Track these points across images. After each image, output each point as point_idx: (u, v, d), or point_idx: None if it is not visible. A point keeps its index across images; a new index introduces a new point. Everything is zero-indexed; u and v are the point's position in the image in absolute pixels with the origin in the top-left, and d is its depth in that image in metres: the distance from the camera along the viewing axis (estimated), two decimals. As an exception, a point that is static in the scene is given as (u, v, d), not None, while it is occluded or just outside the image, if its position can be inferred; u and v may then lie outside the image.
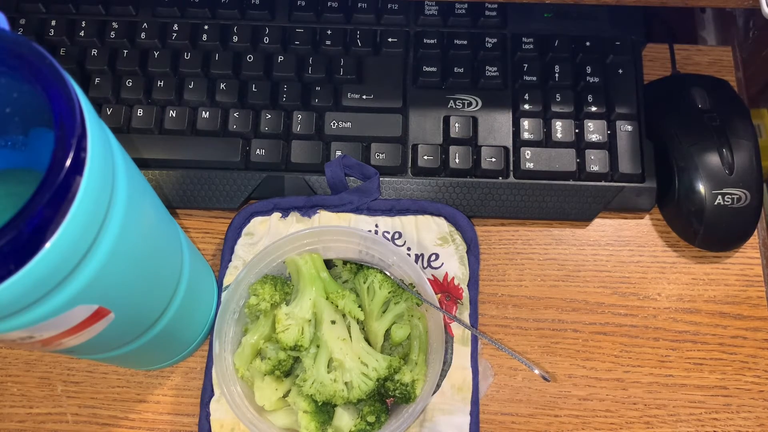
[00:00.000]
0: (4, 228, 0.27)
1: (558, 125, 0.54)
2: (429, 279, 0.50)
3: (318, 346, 0.47)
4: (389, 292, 0.49)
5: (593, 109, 0.55)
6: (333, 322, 0.47)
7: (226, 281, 0.51)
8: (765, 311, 0.52)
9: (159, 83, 0.55)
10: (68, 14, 0.58)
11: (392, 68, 0.56)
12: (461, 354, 0.50)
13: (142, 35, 0.57)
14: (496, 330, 0.52)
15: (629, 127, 0.54)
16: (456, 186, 0.54)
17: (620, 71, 0.56)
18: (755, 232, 0.53)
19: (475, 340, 0.50)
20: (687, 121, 0.53)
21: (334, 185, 0.54)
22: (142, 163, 0.54)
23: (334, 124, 0.55)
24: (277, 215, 0.53)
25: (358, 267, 0.50)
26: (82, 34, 0.57)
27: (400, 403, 0.48)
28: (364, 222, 0.53)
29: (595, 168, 0.54)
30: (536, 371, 0.46)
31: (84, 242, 0.30)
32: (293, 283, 0.49)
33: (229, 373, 0.47)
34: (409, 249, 0.52)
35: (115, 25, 0.57)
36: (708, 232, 0.52)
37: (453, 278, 0.51)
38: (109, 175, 0.31)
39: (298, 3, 0.58)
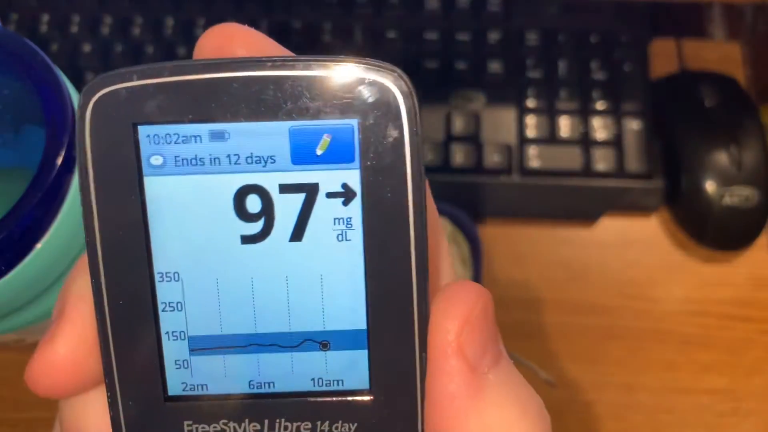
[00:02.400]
0: (-6, 229, 0.26)
1: (563, 122, 0.54)
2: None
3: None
4: None
5: (599, 105, 0.54)
6: None
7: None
8: (774, 313, 0.52)
9: (154, 79, 0.55)
10: (61, 9, 0.56)
11: (392, 63, 0.55)
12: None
13: (136, 30, 0.56)
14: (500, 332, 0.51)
15: (636, 124, 0.54)
16: (458, 185, 0.53)
17: (626, 67, 0.55)
18: (764, 232, 0.53)
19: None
20: (694, 119, 0.53)
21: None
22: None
23: (333, 121, 0.54)
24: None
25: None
26: (75, 30, 0.55)
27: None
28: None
29: (601, 166, 0.53)
30: (541, 376, 0.45)
31: (76, 242, 0.30)
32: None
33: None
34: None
35: (108, 20, 0.56)
36: (716, 231, 0.51)
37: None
38: (102, 174, 0.30)
39: (296, -3, 0.57)
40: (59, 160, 0.28)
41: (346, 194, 0.20)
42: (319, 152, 0.20)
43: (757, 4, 0.59)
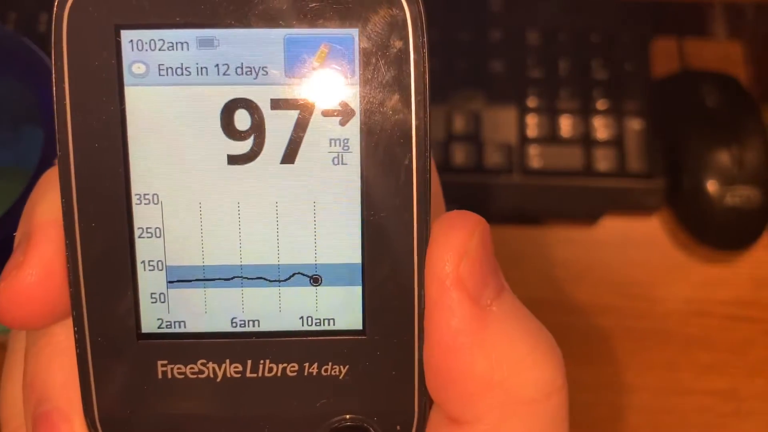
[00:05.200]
0: (-9, 230, 0.26)
1: (564, 122, 0.53)
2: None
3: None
4: None
5: (600, 105, 0.54)
6: None
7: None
8: (776, 313, 0.52)
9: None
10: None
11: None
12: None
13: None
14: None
15: (637, 123, 0.53)
16: (458, 184, 0.53)
17: (627, 66, 0.55)
18: (766, 232, 0.52)
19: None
20: (696, 118, 0.53)
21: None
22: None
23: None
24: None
25: None
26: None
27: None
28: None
29: (602, 166, 0.53)
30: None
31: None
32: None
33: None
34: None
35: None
36: (717, 231, 0.51)
37: (456, 279, 0.50)
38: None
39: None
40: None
41: (344, 112, 0.18)
42: (315, 65, 0.18)
43: (759, 4, 0.58)
